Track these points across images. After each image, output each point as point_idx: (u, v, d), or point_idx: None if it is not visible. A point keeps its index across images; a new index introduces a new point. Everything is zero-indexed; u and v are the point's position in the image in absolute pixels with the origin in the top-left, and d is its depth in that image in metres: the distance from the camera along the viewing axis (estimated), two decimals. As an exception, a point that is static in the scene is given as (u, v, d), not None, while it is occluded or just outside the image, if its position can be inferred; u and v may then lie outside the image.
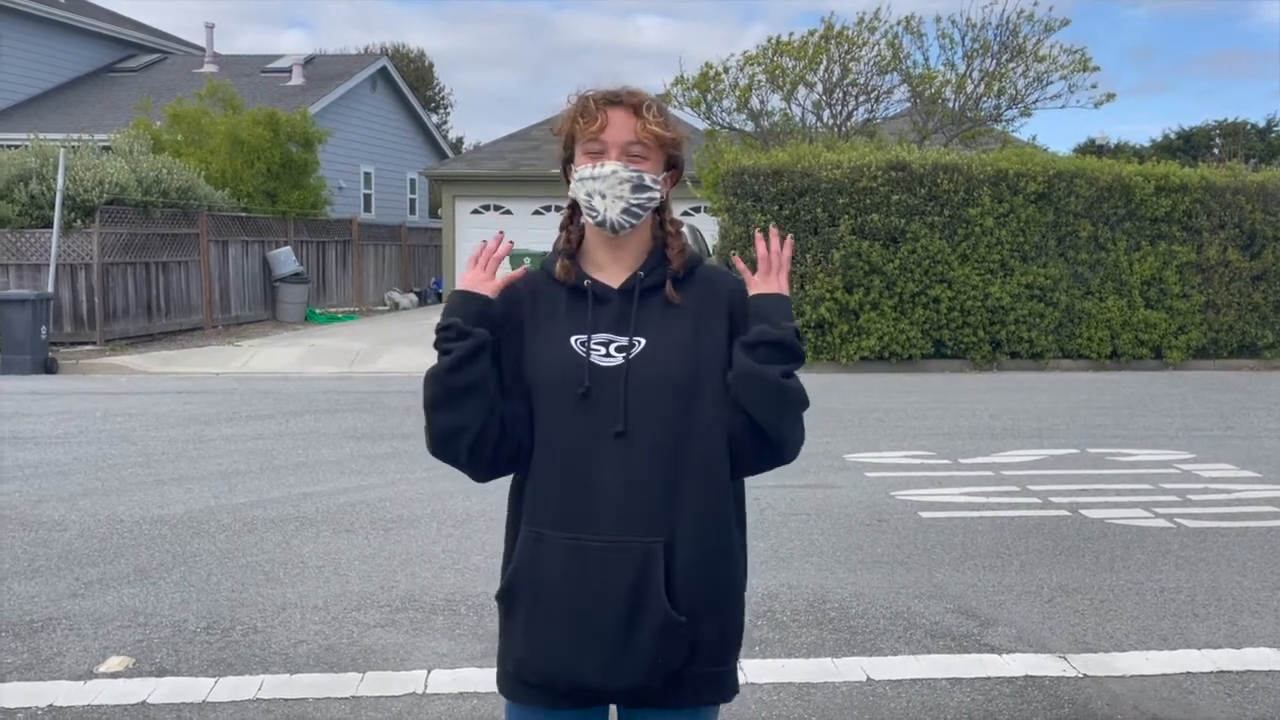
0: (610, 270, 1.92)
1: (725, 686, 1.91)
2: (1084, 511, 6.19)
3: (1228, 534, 5.76)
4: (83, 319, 14.25)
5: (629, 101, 1.88)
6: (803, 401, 1.89)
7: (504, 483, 1.95)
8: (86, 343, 14.11)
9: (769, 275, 1.89)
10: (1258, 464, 7.56)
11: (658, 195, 1.90)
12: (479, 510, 5.99)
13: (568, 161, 1.94)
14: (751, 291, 1.90)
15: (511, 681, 1.91)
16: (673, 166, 1.95)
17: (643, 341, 1.86)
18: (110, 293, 14.42)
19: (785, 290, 1.89)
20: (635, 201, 1.86)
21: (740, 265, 1.95)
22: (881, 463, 7.46)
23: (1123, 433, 8.87)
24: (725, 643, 1.89)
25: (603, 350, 1.86)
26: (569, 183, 1.94)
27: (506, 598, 1.88)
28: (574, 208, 1.96)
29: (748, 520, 2.01)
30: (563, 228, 1.99)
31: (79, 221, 14.24)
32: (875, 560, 5.24)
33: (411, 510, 6.07)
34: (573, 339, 1.87)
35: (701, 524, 1.85)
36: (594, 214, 1.87)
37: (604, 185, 1.85)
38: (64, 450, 7.70)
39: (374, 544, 5.42)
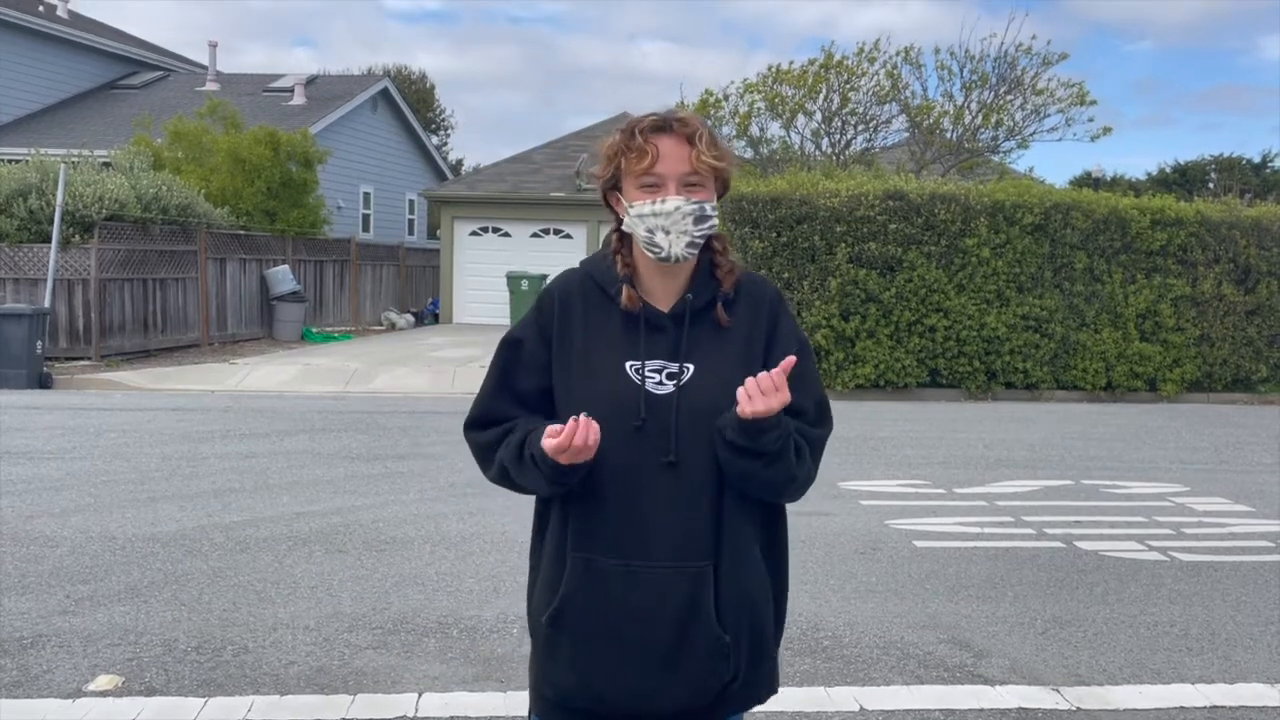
0: (660, 294, 1.91)
1: (762, 689, 1.96)
2: (1078, 543, 6.19)
3: (1221, 568, 5.76)
4: (79, 334, 14.24)
5: (680, 131, 1.83)
6: (791, 481, 1.88)
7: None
8: (82, 358, 14.10)
9: (770, 395, 1.74)
10: (1251, 498, 7.57)
11: (717, 221, 1.88)
12: (473, 533, 5.98)
13: (611, 188, 1.91)
14: (748, 411, 1.74)
15: (550, 708, 1.91)
16: (725, 189, 1.94)
17: (691, 368, 1.86)
18: (107, 308, 14.42)
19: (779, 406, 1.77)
20: (698, 233, 1.85)
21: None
22: (876, 491, 7.45)
23: (1117, 465, 8.88)
24: (763, 652, 1.94)
25: (656, 378, 1.85)
26: (614, 209, 1.92)
27: (554, 623, 1.87)
28: (620, 231, 1.94)
29: None
30: (615, 253, 1.94)
31: (77, 237, 14.25)
32: (869, 589, 5.23)
33: (405, 532, 6.05)
34: (628, 365, 1.86)
35: (744, 543, 1.90)
36: (656, 249, 1.84)
37: (667, 221, 1.82)
38: (57, 466, 7.67)
39: (367, 565, 5.40)
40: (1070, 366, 13.94)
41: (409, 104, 29.98)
